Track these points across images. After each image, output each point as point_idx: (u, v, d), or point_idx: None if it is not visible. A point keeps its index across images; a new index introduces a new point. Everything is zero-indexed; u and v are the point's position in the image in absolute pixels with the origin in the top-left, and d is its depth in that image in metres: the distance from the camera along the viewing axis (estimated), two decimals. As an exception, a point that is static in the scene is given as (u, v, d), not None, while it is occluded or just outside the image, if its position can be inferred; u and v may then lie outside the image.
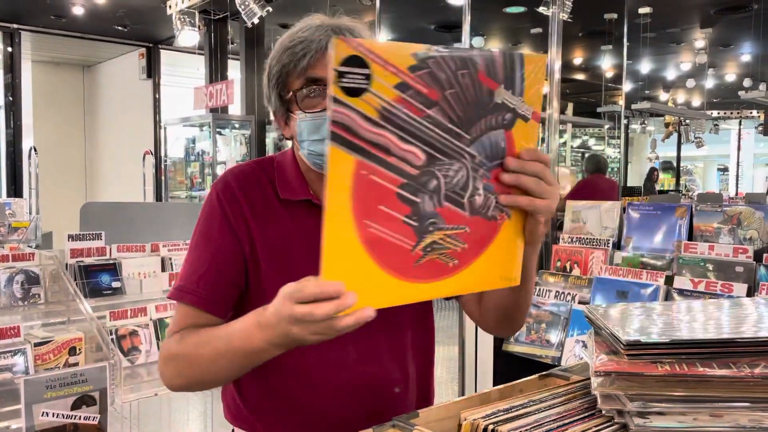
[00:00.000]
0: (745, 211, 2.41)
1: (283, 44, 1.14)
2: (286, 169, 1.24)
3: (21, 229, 3.52)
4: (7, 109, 9.30)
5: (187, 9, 6.60)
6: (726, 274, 2.27)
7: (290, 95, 1.14)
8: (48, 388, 1.46)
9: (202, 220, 1.22)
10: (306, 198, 1.20)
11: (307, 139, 1.14)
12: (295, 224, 1.19)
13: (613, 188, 6.23)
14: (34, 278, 2.34)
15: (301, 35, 1.12)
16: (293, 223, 1.19)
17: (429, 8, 8.13)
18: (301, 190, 1.21)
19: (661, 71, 11.77)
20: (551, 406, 0.91)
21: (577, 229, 2.92)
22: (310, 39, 1.11)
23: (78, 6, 8.20)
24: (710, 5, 7.97)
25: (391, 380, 1.25)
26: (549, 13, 3.53)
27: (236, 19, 7.68)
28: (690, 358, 0.82)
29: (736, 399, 0.79)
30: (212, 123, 7.98)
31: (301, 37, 1.12)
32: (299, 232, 1.19)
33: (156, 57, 10.30)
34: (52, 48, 10.32)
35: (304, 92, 1.12)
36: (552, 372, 1.13)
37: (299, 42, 1.12)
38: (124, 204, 3.78)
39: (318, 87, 1.12)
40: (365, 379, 1.21)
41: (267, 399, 1.24)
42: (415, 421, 0.93)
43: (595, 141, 14.09)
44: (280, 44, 1.15)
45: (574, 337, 2.51)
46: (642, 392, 0.80)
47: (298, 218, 1.20)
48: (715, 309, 1.01)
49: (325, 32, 1.11)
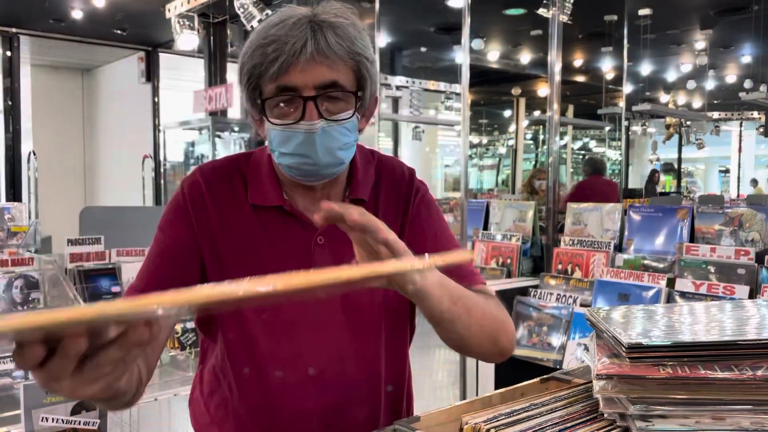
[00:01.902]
0: (746, 213, 2.41)
1: (256, 40, 1.03)
2: (261, 171, 1.16)
3: (20, 234, 3.51)
4: (6, 113, 9.30)
5: (186, 12, 6.60)
6: (728, 276, 2.27)
7: (259, 101, 1.05)
8: (48, 393, 1.46)
9: (164, 215, 1.15)
10: (278, 204, 1.13)
11: (277, 150, 1.07)
12: (263, 231, 1.12)
13: (613, 189, 6.26)
14: (34, 283, 2.34)
15: (275, 32, 1.01)
16: (262, 229, 1.12)
17: (429, 10, 8.13)
18: (273, 195, 1.13)
19: (662, 73, 11.77)
20: (553, 409, 0.90)
21: (578, 231, 2.92)
22: (284, 39, 0.99)
23: (77, 10, 8.20)
24: (710, 7, 7.97)
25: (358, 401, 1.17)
26: (549, 15, 3.53)
27: (235, 22, 7.67)
28: (692, 361, 0.82)
29: (739, 402, 0.78)
30: (211, 126, 7.97)
31: (274, 35, 1.00)
32: (268, 238, 1.12)
33: (155, 60, 10.30)
34: (52, 52, 10.33)
35: (274, 102, 1.03)
36: (554, 375, 1.12)
37: (272, 41, 1.00)
38: (123, 208, 3.78)
39: (290, 96, 1.02)
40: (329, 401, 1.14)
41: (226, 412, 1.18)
42: (416, 425, 0.93)
43: (596, 143, 14.11)
44: (253, 38, 1.04)
45: (575, 340, 2.50)
46: (644, 395, 0.80)
47: (268, 224, 1.13)
48: (717, 311, 1.01)
49: (302, 30, 1.00)
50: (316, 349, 1.12)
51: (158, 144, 9.74)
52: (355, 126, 1.09)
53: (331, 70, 1.02)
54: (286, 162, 1.07)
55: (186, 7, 6.55)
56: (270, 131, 1.07)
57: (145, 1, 7.79)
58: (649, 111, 9.81)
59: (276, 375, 1.12)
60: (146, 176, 9.52)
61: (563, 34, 3.41)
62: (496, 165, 14.25)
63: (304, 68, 1.00)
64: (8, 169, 9.33)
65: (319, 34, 1.01)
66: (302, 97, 1.02)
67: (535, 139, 13.76)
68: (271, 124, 1.05)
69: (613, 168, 9.78)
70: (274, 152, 1.08)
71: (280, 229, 1.12)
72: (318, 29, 1.01)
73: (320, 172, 1.08)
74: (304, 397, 1.12)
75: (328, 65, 1.02)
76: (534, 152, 13.69)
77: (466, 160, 3.42)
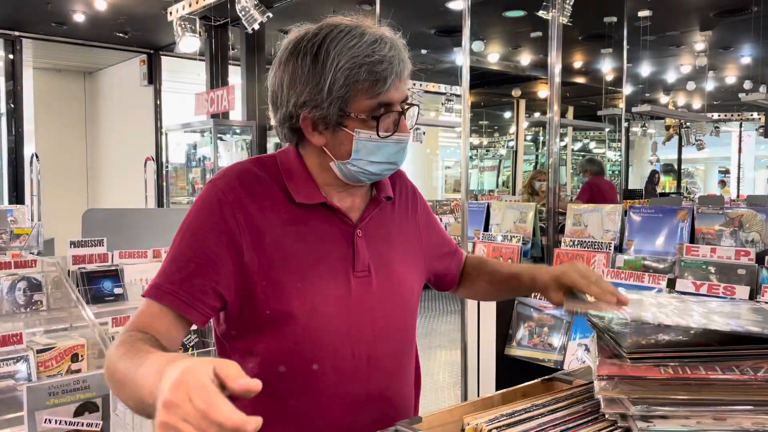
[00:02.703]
0: (746, 214, 2.41)
1: (359, 57, 1.08)
2: (295, 172, 1.20)
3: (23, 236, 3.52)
4: (8, 116, 9.31)
5: (187, 15, 6.61)
6: (728, 277, 2.27)
7: (356, 114, 1.12)
8: (50, 395, 1.46)
9: (194, 217, 1.13)
10: (321, 201, 1.18)
11: (365, 158, 1.15)
12: (307, 225, 1.17)
13: (614, 189, 6.34)
14: (37, 285, 2.34)
15: (380, 53, 1.09)
16: (306, 224, 1.17)
17: (429, 13, 8.13)
18: (314, 193, 1.18)
19: (662, 74, 11.77)
20: (554, 410, 0.90)
21: (579, 232, 2.92)
22: (389, 60, 1.10)
23: (79, 13, 8.21)
24: (710, 8, 7.97)
25: (400, 393, 1.26)
26: (549, 17, 3.54)
27: (237, 25, 7.69)
28: (693, 362, 0.82)
29: (739, 402, 0.79)
30: (213, 129, 7.98)
31: (380, 57, 1.09)
32: (315, 235, 1.17)
33: (157, 63, 10.32)
34: (54, 55, 10.34)
35: (389, 116, 1.13)
36: (555, 376, 1.13)
37: (379, 61, 1.09)
38: (125, 210, 3.77)
39: (392, 110, 1.13)
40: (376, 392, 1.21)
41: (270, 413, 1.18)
42: (418, 426, 0.93)
43: (596, 144, 14.09)
44: (352, 53, 1.08)
45: (576, 341, 2.51)
46: (645, 396, 0.80)
47: (312, 220, 1.18)
48: (713, 305, 1.01)
49: (399, 52, 1.12)
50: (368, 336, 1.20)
51: (160, 146, 9.77)
52: None
53: (405, 85, 1.17)
54: (374, 169, 1.17)
55: (188, 10, 6.56)
56: (361, 142, 1.14)
57: (146, 4, 7.81)
58: (649, 112, 9.81)
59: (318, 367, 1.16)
60: (148, 178, 9.53)
61: (563, 35, 3.41)
62: (497, 166, 14.25)
63: (398, 86, 1.13)
64: (11, 171, 9.34)
65: (404, 55, 1.14)
66: (398, 112, 1.15)
67: (536, 141, 13.76)
68: (368, 133, 1.13)
69: (613, 169, 9.77)
70: (359, 161, 1.15)
71: (324, 224, 1.18)
72: (403, 48, 1.15)
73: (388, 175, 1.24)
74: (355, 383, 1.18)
75: (405, 82, 1.16)
76: (534, 153, 13.69)
77: (466, 162, 3.42)
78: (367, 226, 1.22)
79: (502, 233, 3.37)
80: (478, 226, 3.55)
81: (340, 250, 1.18)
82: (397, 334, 1.25)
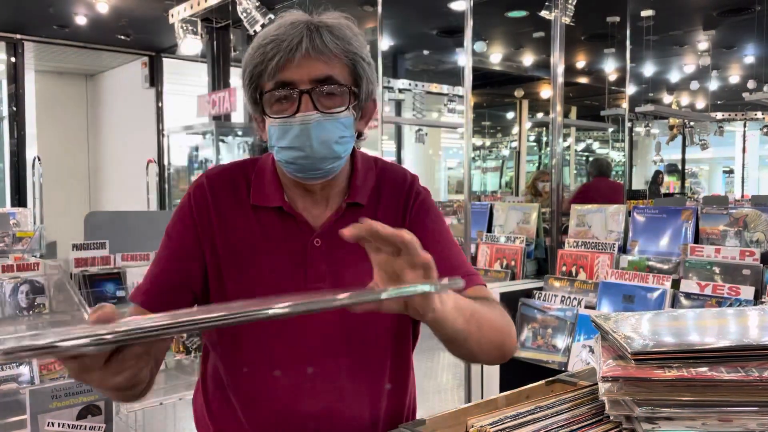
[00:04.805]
0: (751, 214, 2.40)
1: (256, 42, 1.08)
2: (265, 173, 1.18)
3: (25, 239, 3.52)
4: (10, 119, 9.33)
5: (189, 17, 6.62)
6: (733, 277, 2.26)
7: (265, 98, 1.08)
8: (53, 398, 1.46)
9: (171, 219, 1.18)
10: (278, 205, 1.14)
11: (276, 145, 1.09)
12: (262, 230, 1.14)
13: (617, 191, 6.15)
14: (39, 288, 2.35)
15: (274, 33, 1.06)
16: (260, 229, 1.14)
17: (431, 13, 8.13)
18: (274, 196, 1.15)
19: (665, 74, 11.75)
20: (558, 412, 0.90)
21: (582, 233, 2.91)
22: (282, 38, 1.04)
23: (81, 16, 8.23)
24: (713, 7, 7.96)
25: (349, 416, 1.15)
26: (551, 17, 3.53)
27: (238, 27, 7.69)
28: (697, 363, 0.81)
29: (745, 403, 0.78)
30: (215, 131, 7.98)
31: (273, 36, 1.05)
32: (267, 239, 1.14)
33: (158, 65, 10.33)
34: (56, 58, 10.36)
35: (275, 95, 1.06)
36: (559, 378, 1.12)
37: (271, 41, 1.05)
38: (128, 213, 3.78)
39: (287, 90, 1.06)
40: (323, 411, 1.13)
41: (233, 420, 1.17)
42: (422, 428, 0.93)
43: (599, 144, 14.10)
44: (254, 42, 1.09)
45: (580, 342, 2.50)
46: (650, 397, 0.80)
47: (267, 225, 1.14)
48: (722, 316, 1.01)
49: (299, 29, 1.05)
50: (314, 351, 1.13)
51: (162, 148, 9.77)
52: (350, 122, 1.11)
53: (326, 65, 1.06)
54: (284, 157, 1.09)
55: (189, 12, 6.56)
56: (270, 128, 1.09)
57: (148, 7, 7.82)
58: (652, 112, 9.80)
59: (274, 374, 1.13)
60: (150, 181, 9.53)
61: (566, 35, 3.40)
62: (500, 167, 14.25)
63: (301, 64, 1.05)
64: (13, 174, 9.36)
65: (315, 33, 1.05)
66: (299, 91, 1.05)
67: (539, 141, 13.76)
68: (270, 119, 1.08)
69: (616, 169, 9.76)
70: (274, 148, 1.11)
71: (278, 230, 1.14)
72: (314, 29, 1.06)
73: (316, 165, 1.09)
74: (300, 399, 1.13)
75: (323, 61, 1.06)
76: (537, 154, 13.68)
77: (469, 163, 3.41)
78: (329, 235, 1.13)
79: (505, 234, 3.36)
80: (481, 228, 3.54)
81: (292, 258, 1.13)
82: (355, 350, 1.14)
